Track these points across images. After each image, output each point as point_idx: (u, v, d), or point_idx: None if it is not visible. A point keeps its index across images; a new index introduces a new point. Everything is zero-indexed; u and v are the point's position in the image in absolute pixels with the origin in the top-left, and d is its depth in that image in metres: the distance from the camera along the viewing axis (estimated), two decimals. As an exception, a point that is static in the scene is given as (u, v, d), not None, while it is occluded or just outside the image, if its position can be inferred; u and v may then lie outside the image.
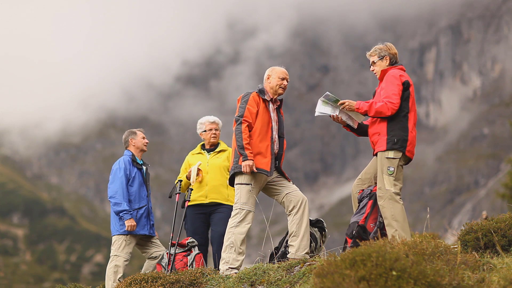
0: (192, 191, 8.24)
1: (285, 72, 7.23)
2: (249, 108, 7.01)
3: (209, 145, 8.51)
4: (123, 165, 8.30)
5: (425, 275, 4.53)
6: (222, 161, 8.35)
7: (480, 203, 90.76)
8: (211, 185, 8.23)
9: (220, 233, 7.92)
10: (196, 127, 8.63)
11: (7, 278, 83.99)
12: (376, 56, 6.94)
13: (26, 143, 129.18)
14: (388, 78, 6.75)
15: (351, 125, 6.89)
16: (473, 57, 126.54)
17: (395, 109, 6.60)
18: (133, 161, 8.38)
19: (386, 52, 6.92)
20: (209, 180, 8.25)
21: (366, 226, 6.60)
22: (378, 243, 4.90)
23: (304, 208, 7.05)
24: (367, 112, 6.64)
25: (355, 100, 6.84)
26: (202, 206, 8.25)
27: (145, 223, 8.29)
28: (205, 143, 8.56)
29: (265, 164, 6.94)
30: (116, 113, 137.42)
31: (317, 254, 7.25)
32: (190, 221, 8.29)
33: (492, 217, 6.69)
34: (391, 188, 6.55)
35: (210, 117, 8.56)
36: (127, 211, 8.18)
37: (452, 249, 5.46)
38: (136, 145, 8.49)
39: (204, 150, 8.53)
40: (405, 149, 6.63)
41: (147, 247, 8.39)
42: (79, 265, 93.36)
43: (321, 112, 6.81)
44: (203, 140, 8.60)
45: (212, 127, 8.48)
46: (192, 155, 8.57)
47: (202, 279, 6.90)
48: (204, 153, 8.48)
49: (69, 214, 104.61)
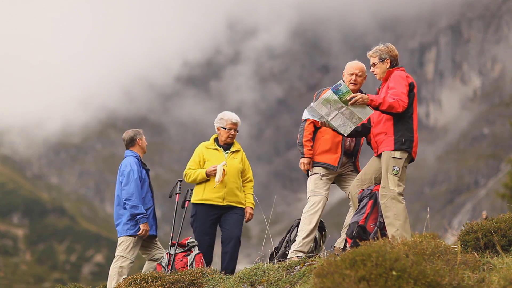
0: (208, 191, 8.07)
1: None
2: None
3: (223, 142, 8.28)
4: (135, 167, 8.22)
5: (425, 275, 4.53)
6: (238, 162, 8.21)
7: (480, 203, 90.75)
8: (229, 188, 8.08)
9: (237, 234, 7.96)
10: (216, 120, 8.32)
11: (7, 278, 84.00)
12: (377, 58, 6.92)
13: (26, 143, 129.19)
14: (396, 78, 6.75)
15: (340, 132, 6.83)
16: (473, 57, 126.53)
17: (405, 107, 6.62)
18: (140, 162, 8.37)
19: (387, 54, 6.90)
20: (227, 182, 8.08)
21: (366, 226, 6.60)
22: (378, 243, 4.89)
23: None
24: (380, 105, 6.55)
25: None
26: (217, 207, 8.08)
27: (152, 223, 8.29)
28: (220, 139, 8.30)
29: (333, 159, 7.22)
30: (116, 113, 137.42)
31: (317, 254, 7.26)
32: (200, 221, 8.09)
33: (492, 217, 6.69)
34: (395, 188, 6.57)
35: (233, 117, 8.25)
36: (144, 215, 8.09)
37: (452, 249, 5.46)
38: (142, 145, 8.46)
39: (220, 147, 8.28)
40: (411, 150, 6.67)
41: (150, 249, 8.37)
42: (79, 265, 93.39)
43: (312, 114, 6.72)
44: (217, 133, 8.34)
45: (233, 127, 8.23)
46: (207, 149, 8.30)
47: (202, 279, 6.90)
48: (221, 151, 8.24)
49: (69, 214, 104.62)
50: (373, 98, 6.57)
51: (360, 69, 7.26)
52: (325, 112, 6.63)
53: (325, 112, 6.63)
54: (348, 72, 7.27)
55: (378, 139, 6.78)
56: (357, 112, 6.61)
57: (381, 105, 6.55)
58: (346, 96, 6.53)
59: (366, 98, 6.54)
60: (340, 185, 7.45)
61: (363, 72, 7.28)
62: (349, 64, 7.33)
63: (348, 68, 7.29)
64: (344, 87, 6.54)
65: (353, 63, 7.31)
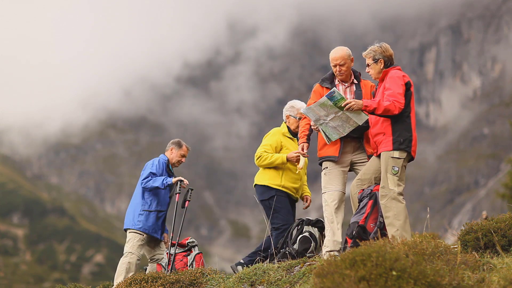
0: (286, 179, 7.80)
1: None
2: (310, 101, 7.17)
3: (294, 131, 8.02)
4: (156, 163, 8.44)
5: (425, 275, 4.53)
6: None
7: (480, 203, 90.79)
8: (302, 182, 7.98)
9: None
10: (286, 108, 8.09)
11: (7, 278, 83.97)
12: (371, 59, 6.92)
13: (26, 143, 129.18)
14: (392, 78, 6.75)
15: (329, 137, 6.84)
16: (473, 57, 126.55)
17: (402, 108, 6.61)
18: (167, 166, 8.45)
19: (381, 55, 6.89)
20: (302, 175, 7.95)
21: (366, 226, 6.60)
22: (378, 243, 4.89)
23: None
24: (374, 110, 6.57)
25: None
26: (290, 197, 7.83)
27: (160, 228, 8.30)
28: (290, 128, 8.04)
29: (334, 150, 7.10)
30: (116, 113, 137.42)
31: (317, 254, 7.25)
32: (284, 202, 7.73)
33: (492, 217, 6.69)
34: (395, 188, 6.57)
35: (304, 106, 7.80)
36: (165, 177, 8.23)
37: (452, 249, 5.46)
38: (172, 156, 8.60)
39: (294, 137, 8.02)
40: (410, 149, 6.67)
41: (153, 250, 8.39)
42: (79, 265, 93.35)
43: (311, 114, 6.74)
44: (286, 122, 8.09)
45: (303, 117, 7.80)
46: (284, 136, 8.04)
47: (202, 279, 6.90)
48: (295, 140, 8.00)
49: (69, 214, 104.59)
50: (367, 104, 6.57)
51: (340, 58, 7.12)
52: (323, 113, 6.68)
53: (324, 113, 6.68)
54: (331, 65, 7.21)
55: (377, 139, 6.79)
56: (352, 117, 6.65)
57: (376, 110, 6.58)
58: (340, 102, 6.56)
59: (360, 104, 6.55)
60: (355, 173, 7.27)
61: (343, 59, 7.11)
62: (330, 56, 7.23)
63: (330, 60, 7.21)
64: (338, 94, 6.56)
65: (332, 54, 7.20)
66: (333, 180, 7.08)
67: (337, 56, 7.15)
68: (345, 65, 7.13)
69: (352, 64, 7.21)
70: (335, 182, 7.07)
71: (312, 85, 7.49)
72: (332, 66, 7.20)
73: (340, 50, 7.19)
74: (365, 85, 7.24)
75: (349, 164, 7.15)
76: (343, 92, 7.13)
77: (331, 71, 7.26)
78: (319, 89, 7.20)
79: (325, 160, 7.14)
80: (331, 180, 7.08)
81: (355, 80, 7.24)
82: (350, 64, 7.17)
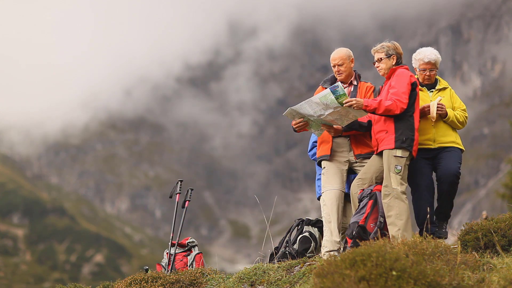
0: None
1: None
2: None
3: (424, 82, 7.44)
4: None
5: (425, 275, 4.53)
6: (447, 101, 7.36)
7: (480, 203, 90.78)
8: (438, 127, 7.19)
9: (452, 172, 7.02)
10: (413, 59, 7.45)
11: (7, 278, 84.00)
12: (384, 54, 6.94)
13: (26, 143, 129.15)
14: (398, 77, 6.77)
15: (316, 132, 6.96)
16: (473, 57, 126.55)
17: (404, 108, 6.62)
18: None
19: (394, 51, 6.95)
20: (436, 122, 7.19)
21: (366, 226, 6.60)
22: (378, 243, 4.89)
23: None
24: (375, 110, 6.60)
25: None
26: (427, 150, 7.13)
27: None
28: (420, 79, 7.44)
29: (326, 149, 7.14)
30: (116, 113, 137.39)
31: (317, 254, 7.25)
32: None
33: (492, 217, 6.69)
34: (398, 187, 6.57)
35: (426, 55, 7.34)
36: None
37: (452, 249, 5.46)
38: None
39: (423, 86, 7.40)
40: (412, 148, 6.67)
41: None
42: (79, 265, 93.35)
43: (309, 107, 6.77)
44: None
45: (427, 68, 7.35)
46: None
47: (202, 279, 6.90)
48: (425, 90, 7.38)
49: (69, 214, 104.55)
50: (367, 103, 6.59)
51: (339, 58, 7.17)
52: (321, 107, 6.71)
53: (322, 107, 6.71)
54: (331, 65, 7.27)
55: (378, 136, 6.79)
56: (352, 111, 6.70)
57: (376, 110, 6.61)
58: (342, 98, 6.61)
59: (361, 103, 6.59)
60: (356, 172, 7.17)
61: (342, 59, 7.16)
62: (330, 57, 7.28)
63: (330, 60, 7.27)
64: (341, 89, 6.60)
65: (332, 54, 7.25)
66: (331, 179, 7.08)
67: (335, 56, 7.21)
68: (344, 65, 7.17)
69: (352, 65, 7.22)
70: (332, 181, 7.07)
71: (312, 85, 7.53)
72: (332, 66, 7.26)
73: (339, 50, 7.26)
74: (361, 86, 7.23)
75: (348, 163, 7.14)
76: None
77: (334, 73, 7.33)
78: (320, 90, 7.25)
79: (321, 160, 7.19)
80: (329, 179, 7.09)
81: (354, 81, 7.26)
82: (349, 65, 7.18)
